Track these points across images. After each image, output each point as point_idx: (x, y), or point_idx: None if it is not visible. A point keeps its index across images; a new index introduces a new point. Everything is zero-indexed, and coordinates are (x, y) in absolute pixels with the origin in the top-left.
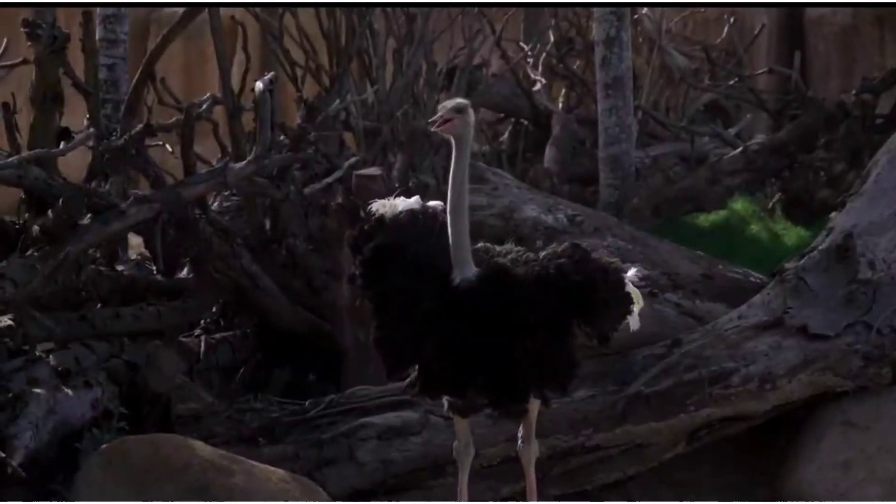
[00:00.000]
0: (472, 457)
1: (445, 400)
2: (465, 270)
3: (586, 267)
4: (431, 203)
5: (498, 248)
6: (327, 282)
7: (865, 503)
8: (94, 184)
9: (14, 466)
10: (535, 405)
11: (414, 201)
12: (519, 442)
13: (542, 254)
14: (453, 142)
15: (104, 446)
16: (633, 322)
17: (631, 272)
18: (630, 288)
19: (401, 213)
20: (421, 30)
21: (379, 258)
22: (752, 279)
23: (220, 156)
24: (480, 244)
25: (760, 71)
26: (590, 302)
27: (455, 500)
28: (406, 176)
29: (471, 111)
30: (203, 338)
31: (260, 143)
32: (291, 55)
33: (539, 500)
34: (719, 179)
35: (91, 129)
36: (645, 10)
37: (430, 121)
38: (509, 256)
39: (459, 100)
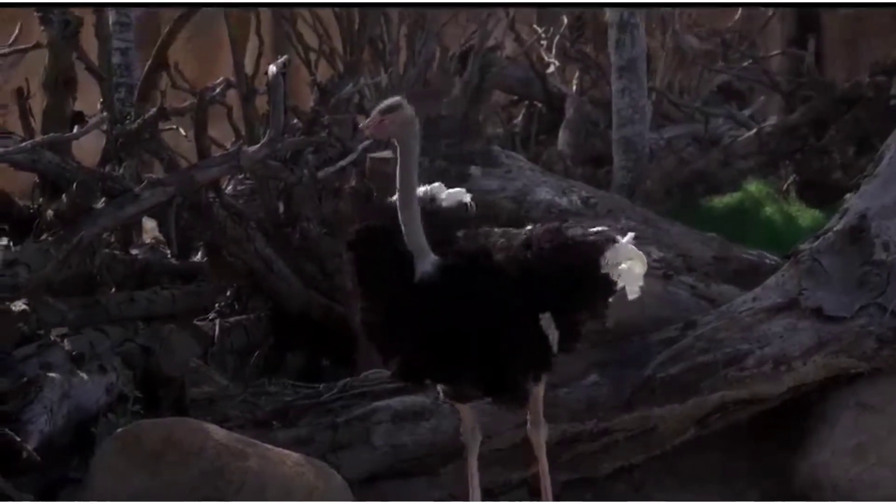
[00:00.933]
0: (479, 441)
1: (438, 387)
2: (424, 264)
3: (559, 257)
4: (452, 190)
5: (496, 231)
6: (340, 265)
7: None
8: (107, 168)
9: (29, 451)
10: (538, 388)
11: (433, 187)
12: (528, 425)
13: (522, 237)
14: (395, 142)
15: (119, 431)
16: (632, 291)
17: (626, 238)
18: (619, 259)
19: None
20: (433, 14)
21: (361, 240)
22: (766, 261)
23: (233, 139)
24: (482, 229)
25: (774, 53)
26: (563, 294)
27: (464, 484)
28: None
29: (405, 108)
30: (217, 321)
31: (273, 127)
32: (304, 39)
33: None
34: (733, 161)
35: (104, 114)
36: None
37: (361, 126)
38: (498, 241)
39: (392, 99)
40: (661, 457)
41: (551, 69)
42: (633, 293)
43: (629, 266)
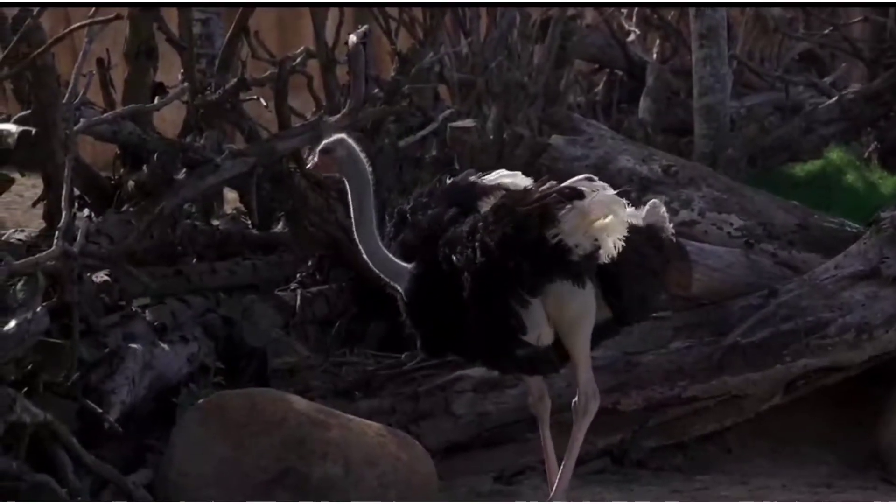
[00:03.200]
0: (548, 409)
1: None
2: (401, 282)
3: (503, 237)
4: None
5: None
6: None
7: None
8: (188, 139)
9: (111, 421)
10: (577, 357)
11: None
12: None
13: (479, 222)
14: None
15: (201, 401)
16: (606, 250)
17: (595, 192)
18: (580, 220)
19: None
20: None
21: (400, 219)
22: (848, 229)
23: (314, 109)
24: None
25: (856, 19)
26: (515, 273)
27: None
28: (500, 128)
29: (339, 149)
30: (299, 292)
31: (354, 97)
32: (385, 8)
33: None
34: (814, 129)
35: (185, 84)
36: None
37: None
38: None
39: (332, 138)
40: (751, 420)
41: (632, 37)
42: (607, 251)
43: (605, 220)
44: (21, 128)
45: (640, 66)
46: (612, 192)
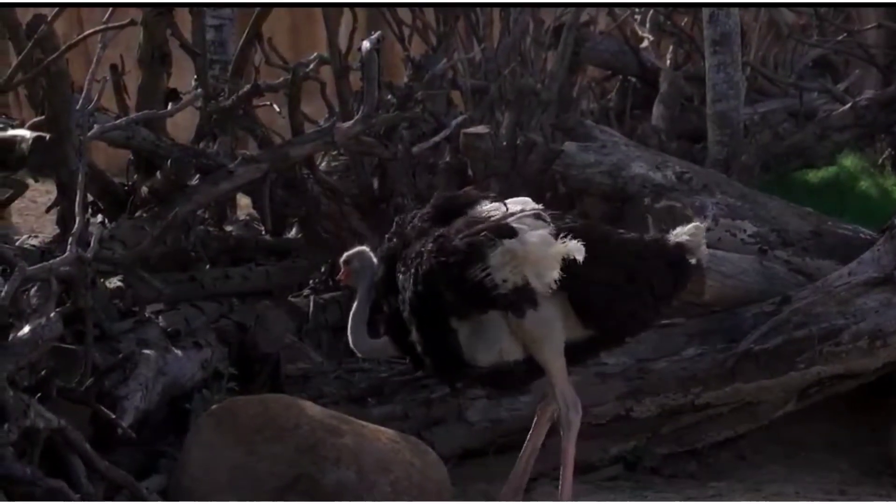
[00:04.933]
0: (548, 413)
1: None
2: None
3: (430, 274)
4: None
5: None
6: None
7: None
8: (202, 144)
9: (124, 427)
10: (548, 371)
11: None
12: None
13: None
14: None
15: (214, 406)
16: (540, 285)
17: (531, 228)
18: (507, 257)
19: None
20: None
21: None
22: (861, 235)
23: (327, 115)
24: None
25: (870, 26)
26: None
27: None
28: (513, 134)
29: (354, 261)
30: (312, 297)
31: (367, 103)
32: (398, 14)
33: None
34: (828, 135)
35: (199, 90)
36: None
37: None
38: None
39: (352, 251)
40: (764, 427)
41: (645, 43)
42: (542, 287)
43: (533, 258)
44: (35, 133)
45: (653, 72)
46: (546, 231)
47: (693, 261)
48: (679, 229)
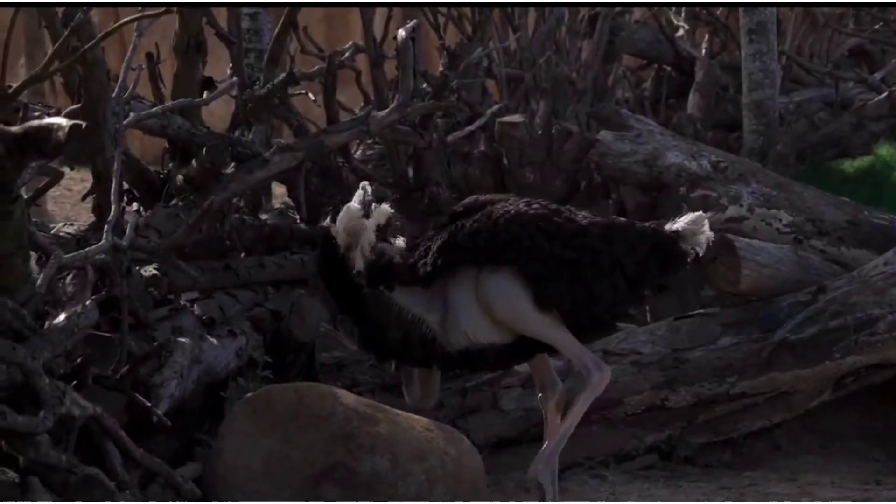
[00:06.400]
0: (550, 398)
1: None
2: None
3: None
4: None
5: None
6: None
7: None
8: (237, 133)
9: (159, 415)
10: (555, 345)
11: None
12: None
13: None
14: None
15: (249, 395)
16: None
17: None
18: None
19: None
20: None
21: None
22: None
23: (362, 104)
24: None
25: None
26: None
27: (603, 446)
28: (549, 123)
29: None
30: None
31: (402, 91)
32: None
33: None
34: (864, 125)
35: (234, 79)
36: None
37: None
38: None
39: None
40: (800, 417)
41: (681, 32)
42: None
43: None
44: (72, 121)
45: (688, 61)
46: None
47: (687, 248)
48: (683, 217)
